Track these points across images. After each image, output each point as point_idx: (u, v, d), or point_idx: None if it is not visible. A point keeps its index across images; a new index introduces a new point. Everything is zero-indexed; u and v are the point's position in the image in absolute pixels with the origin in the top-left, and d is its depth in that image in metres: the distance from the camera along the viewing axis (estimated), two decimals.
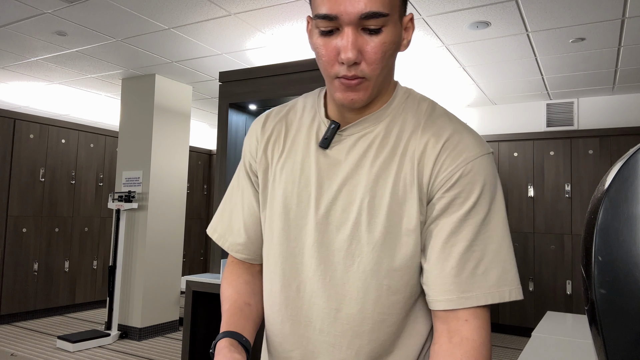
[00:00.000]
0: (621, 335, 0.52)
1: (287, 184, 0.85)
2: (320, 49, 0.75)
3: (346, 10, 0.70)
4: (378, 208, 0.78)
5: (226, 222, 0.95)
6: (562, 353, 1.72)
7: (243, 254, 0.94)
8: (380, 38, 0.73)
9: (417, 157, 0.78)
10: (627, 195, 0.53)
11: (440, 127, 0.79)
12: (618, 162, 0.56)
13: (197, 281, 2.76)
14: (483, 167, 0.76)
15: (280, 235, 0.84)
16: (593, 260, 0.54)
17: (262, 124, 0.92)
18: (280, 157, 0.87)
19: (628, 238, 0.52)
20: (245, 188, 0.93)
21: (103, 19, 3.44)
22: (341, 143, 0.82)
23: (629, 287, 0.51)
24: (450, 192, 0.75)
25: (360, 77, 0.74)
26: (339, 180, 0.80)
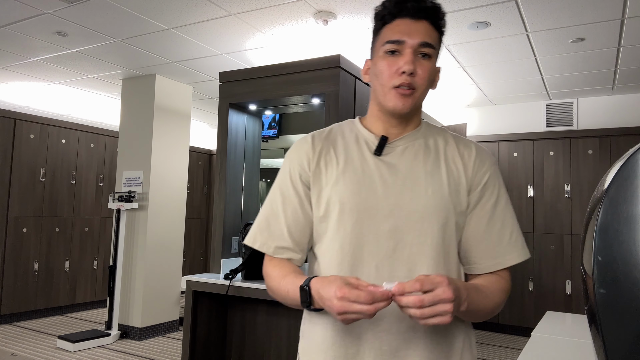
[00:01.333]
0: (621, 335, 0.52)
1: (353, 184, 1.05)
2: (384, 67, 1.03)
3: (411, 38, 1.01)
4: (441, 196, 1.03)
5: (266, 230, 1.10)
6: (561, 353, 1.72)
7: (287, 254, 1.09)
8: (429, 63, 1.03)
9: (459, 159, 1.08)
10: (627, 195, 0.53)
11: (466, 143, 1.11)
12: (618, 162, 0.56)
13: (197, 281, 2.76)
14: (497, 170, 1.11)
15: (354, 226, 1.03)
16: (593, 260, 0.54)
17: (311, 142, 1.12)
18: (338, 164, 1.08)
19: (628, 238, 0.52)
20: (288, 197, 1.10)
21: (103, 19, 3.44)
22: (392, 151, 1.07)
23: (628, 287, 0.51)
24: (484, 188, 1.07)
25: (412, 87, 1.01)
26: (401, 177, 1.04)
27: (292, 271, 1.05)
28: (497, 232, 1.05)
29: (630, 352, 0.52)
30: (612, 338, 0.53)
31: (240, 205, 3.12)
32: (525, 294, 5.08)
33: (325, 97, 2.70)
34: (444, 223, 1.02)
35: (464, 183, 1.06)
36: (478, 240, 1.05)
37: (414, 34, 1.01)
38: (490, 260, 1.04)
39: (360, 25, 3.43)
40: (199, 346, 2.80)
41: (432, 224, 1.01)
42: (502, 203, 1.07)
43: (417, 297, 0.82)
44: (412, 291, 0.82)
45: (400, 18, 1.03)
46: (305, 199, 1.09)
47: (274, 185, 1.14)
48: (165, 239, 4.92)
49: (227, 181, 2.99)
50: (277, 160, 3.96)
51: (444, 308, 0.82)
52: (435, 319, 0.82)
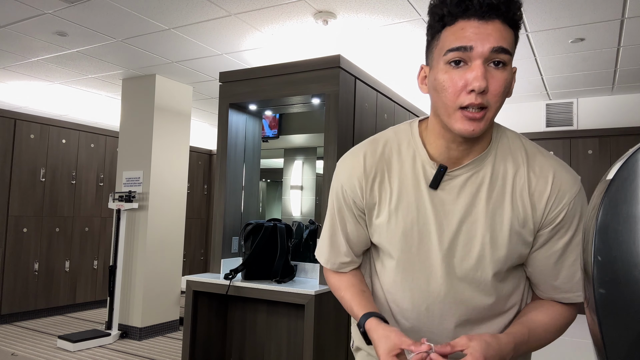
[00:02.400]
0: (621, 335, 0.52)
1: (405, 223, 0.96)
2: (447, 82, 0.84)
3: (481, 42, 0.81)
4: (499, 241, 0.92)
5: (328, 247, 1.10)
6: (561, 353, 1.72)
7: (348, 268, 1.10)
8: (505, 73, 0.84)
9: (528, 193, 0.92)
10: (627, 195, 0.53)
11: (542, 167, 0.93)
12: (617, 162, 0.56)
13: (198, 281, 2.76)
14: (579, 203, 0.93)
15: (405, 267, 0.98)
16: (592, 260, 0.54)
17: (363, 166, 1.00)
18: (391, 197, 0.97)
19: (627, 238, 0.52)
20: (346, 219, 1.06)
21: (103, 19, 3.44)
22: (450, 183, 0.93)
23: (628, 287, 0.51)
24: (559, 226, 0.92)
25: (484, 107, 0.83)
26: (457, 218, 0.93)
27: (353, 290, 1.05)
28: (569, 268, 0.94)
29: (630, 352, 0.52)
30: (612, 338, 0.53)
31: (240, 205, 3.12)
32: None
33: (325, 97, 2.70)
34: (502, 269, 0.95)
35: (530, 226, 0.92)
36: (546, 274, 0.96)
37: (484, 38, 0.81)
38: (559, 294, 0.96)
39: (360, 25, 3.43)
40: (199, 346, 2.80)
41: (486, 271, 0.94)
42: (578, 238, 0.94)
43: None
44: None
45: (464, 19, 0.82)
46: (360, 221, 1.05)
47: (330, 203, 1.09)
48: (165, 239, 4.92)
49: (227, 181, 2.99)
50: (277, 160, 3.97)
51: None
52: None
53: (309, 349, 2.36)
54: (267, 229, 2.69)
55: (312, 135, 4.01)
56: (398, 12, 3.16)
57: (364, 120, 2.94)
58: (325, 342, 2.46)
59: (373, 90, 3.10)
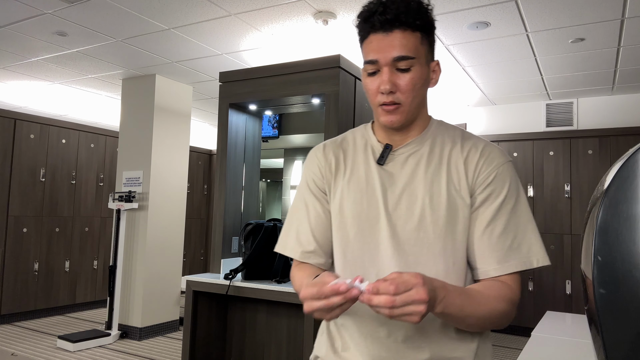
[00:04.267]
0: (621, 334, 0.52)
1: (355, 193, 1.08)
2: (368, 85, 1.04)
3: (384, 55, 0.98)
4: (438, 204, 1.02)
5: (293, 236, 1.14)
6: (561, 353, 1.73)
7: (313, 259, 1.12)
8: (410, 75, 1.00)
9: (462, 162, 1.04)
10: (627, 195, 0.53)
11: (475, 142, 1.07)
12: (617, 162, 0.56)
13: (198, 281, 2.76)
14: (508, 170, 1.04)
15: (357, 234, 1.06)
16: (592, 260, 0.54)
17: (322, 151, 1.17)
18: (344, 174, 1.11)
19: (627, 238, 0.52)
20: (310, 203, 1.14)
21: (103, 19, 3.44)
22: (394, 160, 1.07)
23: (628, 287, 0.51)
24: (488, 188, 1.02)
25: (396, 103, 1.01)
26: (400, 186, 1.05)
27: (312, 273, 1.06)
28: (498, 236, 0.99)
29: (630, 352, 0.52)
30: (612, 338, 0.53)
31: (240, 205, 3.12)
32: (525, 294, 5.08)
33: (325, 97, 2.70)
34: (443, 231, 1.00)
35: (464, 186, 1.02)
36: (477, 243, 1.01)
37: (386, 49, 0.98)
38: (489, 265, 1.00)
39: None
40: (199, 346, 2.80)
41: (427, 233, 1.01)
42: (509, 205, 1.00)
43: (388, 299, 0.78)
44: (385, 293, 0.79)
45: (373, 33, 1.00)
46: (325, 202, 1.13)
47: (296, 194, 1.19)
48: (165, 239, 4.92)
49: (227, 181, 2.99)
50: (278, 160, 3.97)
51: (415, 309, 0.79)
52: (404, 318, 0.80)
53: (308, 349, 2.36)
54: (267, 229, 2.70)
55: (312, 135, 4.01)
56: None
57: (364, 120, 2.94)
58: None
59: None
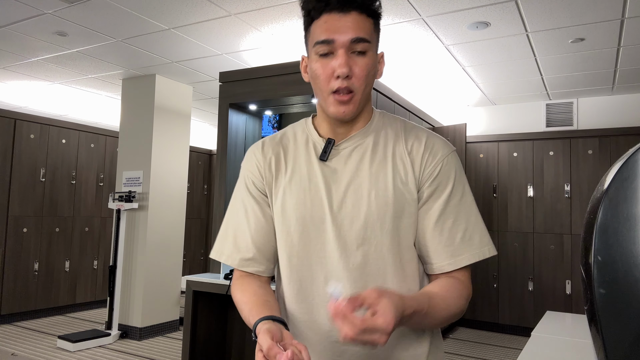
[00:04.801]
0: (621, 335, 0.52)
1: (298, 192, 1.00)
2: (318, 70, 0.95)
3: (341, 35, 0.92)
4: (384, 199, 0.96)
5: (231, 242, 1.06)
6: (561, 353, 1.73)
7: (252, 267, 1.04)
8: (365, 59, 0.94)
9: (407, 155, 1.00)
10: (627, 195, 0.53)
11: (417, 134, 1.02)
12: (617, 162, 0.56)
13: (198, 281, 2.76)
14: (453, 162, 1.00)
15: (301, 236, 0.99)
16: (592, 260, 0.54)
17: (261, 149, 1.08)
18: (286, 173, 1.03)
19: (627, 238, 0.52)
20: (249, 206, 1.05)
21: (103, 19, 3.44)
22: (338, 155, 1.01)
23: (628, 286, 0.51)
24: (435, 181, 0.98)
25: (351, 90, 0.94)
26: (344, 183, 0.98)
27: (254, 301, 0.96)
28: (449, 230, 0.96)
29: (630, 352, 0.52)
30: (612, 338, 0.53)
31: None
32: (525, 294, 5.08)
33: None
34: (391, 227, 0.96)
35: (412, 180, 0.98)
36: (429, 238, 0.97)
37: (343, 30, 0.92)
38: (443, 260, 0.96)
39: None
40: (199, 346, 2.80)
41: (375, 230, 0.95)
42: (456, 198, 0.97)
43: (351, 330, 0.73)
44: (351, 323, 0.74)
45: (327, 13, 0.93)
46: (264, 204, 1.05)
47: (234, 195, 1.10)
48: (165, 239, 4.92)
49: (227, 181, 2.99)
50: None
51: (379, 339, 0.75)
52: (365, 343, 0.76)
53: None
54: None
55: None
56: (398, 12, 3.16)
57: None
58: None
59: (373, 90, 3.10)
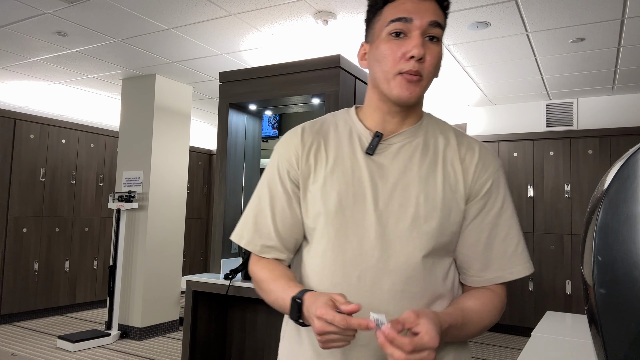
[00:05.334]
0: (621, 334, 0.52)
1: (340, 186, 0.97)
2: (388, 51, 0.92)
3: (420, 15, 0.90)
4: (433, 203, 0.94)
5: (252, 227, 1.03)
6: (561, 353, 1.73)
7: (273, 254, 1.03)
8: (438, 47, 0.93)
9: (459, 163, 0.98)
10: (627, 195, 0.53)
11: (469, 143, 1.01)
12: (618, 162, 0.56)
13: (198, 281, 2.76)
14: (502, 176, 1.00)
15: (338, 231, 0.95)
16: (593, 260, 0.54)
17: (301, 137, 1.03)
18: (327, 163, 0.99)
19: (627, 238, 0.52)
20: (276, 194, 1.02)
21: (103, 19, 3.44)
22: (386, 150, 0.98)
23: (628, 286, 0.51)
24: (487, 195, 0.97)
25: (420, 74, 0.91)
26: (392, 180, 0.96)
27: (283, 275, 0.98)
28: (501, 243, 0.96)
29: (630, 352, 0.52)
30: (612, 338, 0.53)
31: (240, 205, 3.12)
32: (525, 294, 5.08)
33: (325, 97, 2.70)
34: (436, 233, 0.94)
35: (461, 190, 0.96)
36: (478, 252, 0.96)
37: (422, 12, 0.90)
38: (491, 273, 0.96)
39: (360, 25, 3.43)
40: (199, 346, 2.80)
41: (421, 233, 0.93)
42: (508, 212, 0.98)
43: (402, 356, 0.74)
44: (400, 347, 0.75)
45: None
46: (293, 197, 1.01)
47: (262, 179, 1.07)
48: (165, 239, 4.92)
49: (227, 181, 2.99)
50: None
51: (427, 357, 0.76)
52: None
53: None
54: None
55: None
56: None
57: None
58: None
59: None
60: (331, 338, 0.80)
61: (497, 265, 0.96)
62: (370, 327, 0.77)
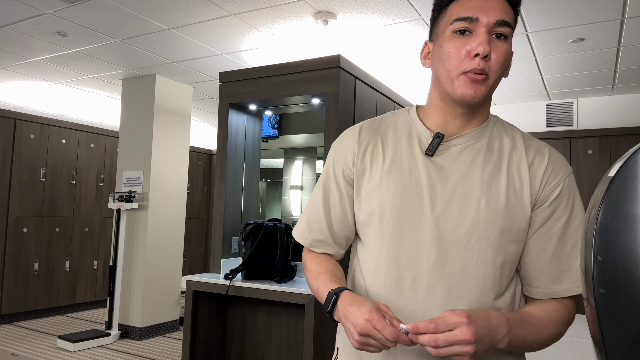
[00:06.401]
0: (621, 334, 0.52)
1: (396, 185, 0.94)
2: (452, 49, 0.89)
3: (486, 14, 0.87)
4: (495, 209, 0.90)
5: (305, 222, 1.07)
6: (561, 353, 1.73)
7: (323, 249, 1.05)
8: (506, 45, 0.89)
9: (527, 168, 0.93)
10: (627, 195, 0.53)
11: (538, 147, 0.96)
12: (618, 162, 0.56)
13: (198, 281, 2.76)
14: (573, 183, 0.94)
15: (393, 232, 0.93)
16: (592, 260, 0.54)
17: (358, 135, 1.02)
18: (384, 163, 0.97)
19: (627, 238, 0.52)
20: (330, 191, 1.04)
21: (103, 19, 3.44)
22: (446, 152, 0.94)
23: (628, 286, 0.51)
24: (555, 202, 0.92)
25: (486, 72, 0.87)
26: (452, 183, 0.92)
27: (329, 270, 1.00)
28: (568, 255, 0.91)
29: (630, 352, 0.52)
30: (612, 338, 0.53)
31: (240, 205, 3.12)
32: None
33: (325, 97, 2.70)
34: (497, 240, 0.90)
35: (527, 196, 0.91)
36: (544, 262, 0.92)
37: (489, 10, 0.87)
38: (556, 285, 0.91)
39: (360, 25, 3.43)
40: (199, 346, 2.80)
41: (481, 240, 0.89)
42: (577, 222, 0.92)
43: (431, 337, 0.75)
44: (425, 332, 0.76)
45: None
46: (345, 195, 1.02)
47: (321, 175, 1.08)
48: (165, 239, 4.92)
49: (227, 181, 2.99)
50: (278, 160, 3.97)
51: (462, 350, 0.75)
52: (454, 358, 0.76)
53: (309, 349, 2.36)
54: (267, 229, 2.70)
55: (312, 135, 4.01)
56: (398, 12, 3.16)
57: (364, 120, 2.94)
58: (325, 342, 2.46)
59: (373, 90, 3.10)
60: (370, 342, 0.80)
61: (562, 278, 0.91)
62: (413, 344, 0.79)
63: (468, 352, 0.75)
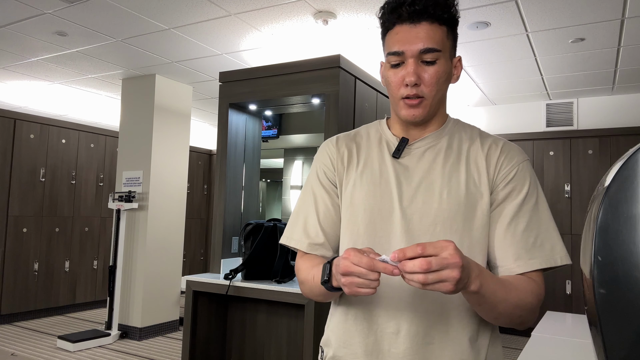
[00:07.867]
0: (621, 334, 0.52)
1: (369, 185, 1.05)
2: (391, 78, 1.01)
3: (410, 47, 0.97)
4: (456, 198, 0.99)
5: (300, 228, 1.12)
6: (561, 353, 1.73)
7: (320, 252, 1.10)
8: (435, 68, 0.98)
9: (483, 158, 1.02)
10: (627, 195, 0.53)
11: (494, 140, 1.06)
12: (618, 162, 0.56)
13: (197, 281, 2.76)
14: (528, 168, 1.02)
15: (368, 226, 1.03)
16: (593, 260, 0.54)
17: (335, 143, 1.14)
18: (357, 166, 1.09)
19: (627, 238, 0.52)
20: (319, 195, 1.12)
21: (103, 19, 3.44)
22: (411, 154, 1.05)
23: (628, 287, 0.51)
24: (510, 185, 1.00)
25: (420, 96, 0.99)
26: (416, 180, 1.02)
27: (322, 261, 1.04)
28: (521, 233, 0.97)
29: (630, 352, 0.52)
30: (612, 338, 0.53)
31: (240, 205, 3.12)
32: None
33: (325, 97, 2.70)
34: (460, 227, 0.98)
35: (485, 182, 1.00)
36: (500, 240, 0.98)
37: (413, 41, 0.96)
38: (512, 262, 0.97)
39: (360, 25, 3.43)
40: (199, 346, 2.80)
41: (445, 227, 0.98)
42: (530, 203, 0.99)
43: (424, 260, 0.74)
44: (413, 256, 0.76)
45: (399, 24, 0.99)
46: (334, 195, 1.11)
47: (305, 185, 1.17)
48: (165, 239, 4.92)
49: (227, 181, 2.99)
50: (277, 160, 3.97)
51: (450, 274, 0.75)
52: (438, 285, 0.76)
53: (309, 349, 2.36)
54: (267, 229, 2.69)
55: (312, 135, 4.01)
56: None
57: (364, 120, 2.94)
58: None
59: (373, 90, 3.10)
60: (356, 282, 0.81)
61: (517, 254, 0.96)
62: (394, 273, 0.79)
63: (454, 277, 0.75)
